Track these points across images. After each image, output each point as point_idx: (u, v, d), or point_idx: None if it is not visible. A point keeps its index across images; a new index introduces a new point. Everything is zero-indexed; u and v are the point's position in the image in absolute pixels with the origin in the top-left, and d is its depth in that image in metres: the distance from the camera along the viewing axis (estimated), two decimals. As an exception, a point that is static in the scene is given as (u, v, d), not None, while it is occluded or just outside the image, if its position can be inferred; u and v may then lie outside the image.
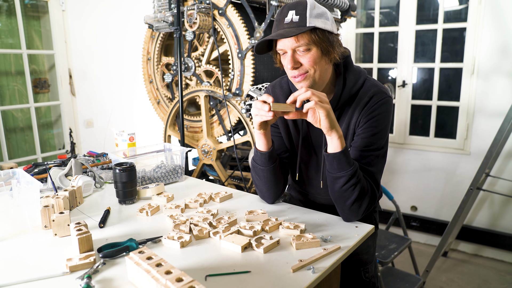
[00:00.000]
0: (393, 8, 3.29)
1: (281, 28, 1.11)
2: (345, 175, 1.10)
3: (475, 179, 2.49)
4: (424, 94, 3.25)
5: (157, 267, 0.78)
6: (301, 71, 1.13)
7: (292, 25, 1.09)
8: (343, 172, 1.10)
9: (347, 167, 1.09)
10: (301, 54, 1.11)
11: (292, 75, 1.15)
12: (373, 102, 1.19)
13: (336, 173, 1.11)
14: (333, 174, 1.12)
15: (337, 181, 1.12)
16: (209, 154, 2.19)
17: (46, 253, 1.01)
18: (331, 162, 1.11)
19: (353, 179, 1.10)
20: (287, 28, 1.09)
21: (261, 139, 1.20)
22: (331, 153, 1.10)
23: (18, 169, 1.39)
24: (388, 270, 2.42)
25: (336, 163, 1.10)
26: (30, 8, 3.21)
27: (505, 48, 2.76)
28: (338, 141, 1.08)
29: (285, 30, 1.09)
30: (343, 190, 1.12)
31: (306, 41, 1.09)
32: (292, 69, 1.13)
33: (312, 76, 1.14)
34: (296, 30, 1.07)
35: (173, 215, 1.20)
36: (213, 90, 2.08)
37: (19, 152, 3.26)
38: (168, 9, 2.16)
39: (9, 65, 3.15)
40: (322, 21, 1.10)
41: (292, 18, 1.09)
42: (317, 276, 0.87)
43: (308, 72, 1.13)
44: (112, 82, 3.70)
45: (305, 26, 1.07)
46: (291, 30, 1.07)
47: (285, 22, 1.10)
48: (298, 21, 1.08)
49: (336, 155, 1.09)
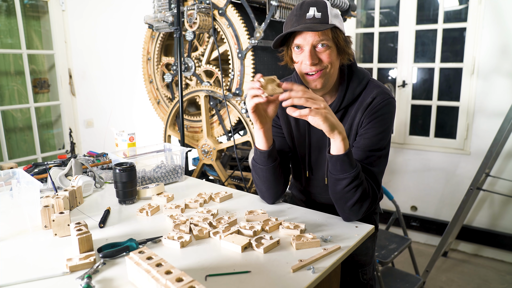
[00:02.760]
0: (393, 8, 3.29)
1: (302, 23, 1.11)
2: (347, 177, 1.09)
3: (475, 179, 2.49)
4: (424, 94, 3.25)
5: (157, 267, 0.78)
6: (319, 67, 1.13)
7: (315, 20, 1.09)
8: (346, 174, 1.09)
9: (350, 169, 1.09)
10: (320, 50, 1.12)
11: (307, 71, 1.15)
12: (376, 103, 1.19)
13: (339, 174, 1.10)
14: (336, 176, 1.11)
15: (340, 182, 1.11)
16: (209, 154, 2.19)
17: (46, 253, 1.00)
18: (334, 164, 1.10)
19: (355, 181, 1.10)
20: (311, 23, 1.09)
21: (261, 137, 1.19)
22: (335, 155, 1.09)
23: (18, 169, 1.39)
24: (388, 270, 2.42)
25: (339, 165, 1.09)
26: (30, 8, 3.21)
27: (505, 48, 2.76)
28: (341, 143, 1.07)
29: (310, 25, 1.09)
30: (345, 191, 1.12)
31: (327, 38, 1.11)
32: (312, 65, 1.12)
33: (327, 73, 1.15)
34: (321, 26, 1.08)
35: (173, 215, 1.20)
36: (213, 90, 2.08)
37: (19, 152, 3.26)
38: (168, 9, 2.16)
39: (9, 65, 3.15)
40: (339, 21, 1.13)
41: (314, 14, 1.10)
42: (317, 276, 0.87)
43: (325, 69, 1.14)
44: (112, 82, 3.70)
45: (328, 24, 1.09)
46: (315, 25, 1.08)
47: (307, 18, 1.10)
48: (321, 17, 1.09)
49: (339, 157, 1.08)
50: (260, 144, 1.21)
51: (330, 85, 1.19)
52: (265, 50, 2.08)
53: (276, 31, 2.12)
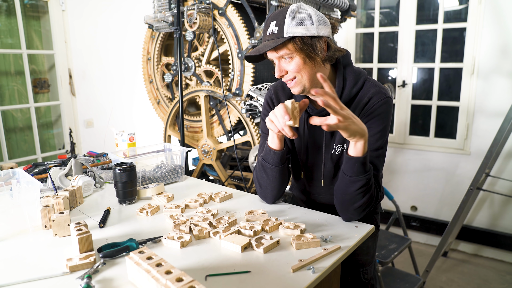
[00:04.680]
0: (393, 8, 3.29)
1: (265, 40, 1.16)
2: (362, 179, 1.10)
3: (475, 179, 2.49)
4: (424, 94, 3.25)
5: (157, 267, 0.78)
6: (288, 78, 1.17)
7: (272, 37, 1.13)
8: (361, 176, 1.10)
9: (365, 172, 1.10)
10: (285, 62, 1.16)
11: (283, 81, 1.21)
12: (372, 103, 1.19)
13: (354, 176, 1.10)
14: (351, 177, 1.11)
15: (353, 184, 1.11)
16: (209, 154, 2.19)
17: (46, 253, 1.00)
18: (352, 166, 1.10)
19: (367, 185, 1.11)
20: (268, 40, 1.14)
21: (276, 139, 1.21)
22: (354, 157, 1.08)
23: (18, 169, 1.39)
24: (388, 270, 2.42)
25: (356, 167, 1.09)
26: (30, 8, 3.21)
27: (505, 48, 2.76)
28: (361, 146, 1.06)
29: (265, 43, 1.14)
30: (356, 193, 1.12)
31: (285, 51, 1.13)
32: (280, 77, 1.18)
33: (300, 80, 1.17)
34: (273, 43, 1.11)
35: (173, 215, 1.20)
36: (213, 90, 2.08)
37: (19, 152, 3.26)
38: (168, 9, 2.16)
39: (9, 65, 3.15)
40: (303, 27, 1.10)
41: (272, 30, 1.13)
42: (317, 276, 0.87)
43: (296, 78, 1.17)
44: (112, 82, 3.70)
45: (282, 37, 1.10)
46: (267, 44, 1.12)
47: (267, 34, 1.15)
48: (277, 32, 1.12)
49: (358, 160, 1.08)
50: (275, 144, 1.22)
51: (314, 86, 1.18)
52: (265, 50, 2.07)
53: (276, 31, 2.12)
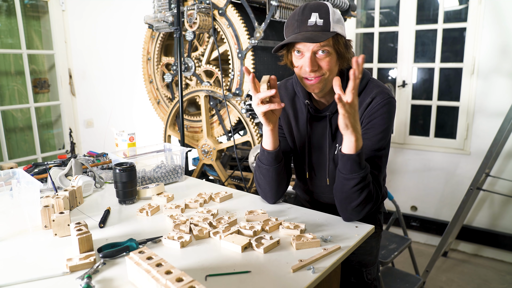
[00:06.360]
0: (393, 8, 3.29)
1: (304, 30, 1.11)
2: (356, 177, 1.09)
3: (475, 179, 2.49)
4: (424, 94, 3.25)
5: (157, 267, 0.78)
6: (318, 74, 1.14)
7: (317, 28, 1.09)
8: (354, 174, 1.09)
9: (359, 169, 1.09)
10: (320, 57, 1.13)
11: (306, 76, 1.16)
12: (375, 103, 1.19)
13: (348, 174, 1.10)
14: (345, 175, 1.11)
15: (348, 182, 1.11)
16: (209, 154, 2.19)
17: (46, 253, 1.00)
18: (345, 163, 1.10)
19: (363, 183, 1.10)
20: (313, 31, 1.10)
21: (270, 138, 1.20)
22: (346, 154, 1.08)
23: (18, 169, 1.39)
24: (388, 270, 2.42)
25: (349, 165, 1.09)
26: (30, 8, 3.21)
27: (505, 48, 2.76)
28: (353, 143, 1.06)
29: (312, 34, 1.09)
30: (352, 191, 1.12)
31: (329, 45, 1.11)
32: (311, 72, 1.13)
33: (326, 79, 1.15)
34: (323, 35, 1.07)
35: (173, 215, 1.20)
36: (213, 90, 2.08)
37: (19, 152, 3.25)
38: (168, 9, 2.16)
39: (9, 65, 3.15)
40: (340, 26, 1.12)
41: (316, 21, 1.09)
42: (317, 276, 0.87)
43: (324, 76, 1.15)
44: (112, 82, 3.70)
45: (329, 31, 1.08)
46: (317, 34, 1.08)
47: (308, 24, 1.10)
48: (323, 25, 1.09)
49: (351, 157, 1.08)
50: (268, 144, 1.22)
51: (327, 88, 1.19)
52: (265, 50, 2.08)
53: (276, 31, 2.12)
